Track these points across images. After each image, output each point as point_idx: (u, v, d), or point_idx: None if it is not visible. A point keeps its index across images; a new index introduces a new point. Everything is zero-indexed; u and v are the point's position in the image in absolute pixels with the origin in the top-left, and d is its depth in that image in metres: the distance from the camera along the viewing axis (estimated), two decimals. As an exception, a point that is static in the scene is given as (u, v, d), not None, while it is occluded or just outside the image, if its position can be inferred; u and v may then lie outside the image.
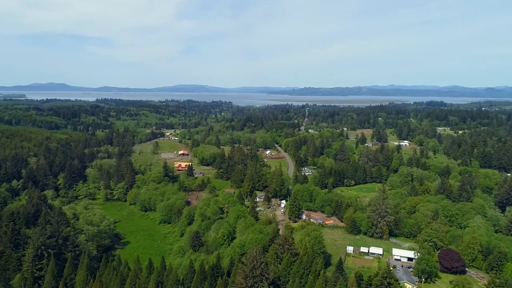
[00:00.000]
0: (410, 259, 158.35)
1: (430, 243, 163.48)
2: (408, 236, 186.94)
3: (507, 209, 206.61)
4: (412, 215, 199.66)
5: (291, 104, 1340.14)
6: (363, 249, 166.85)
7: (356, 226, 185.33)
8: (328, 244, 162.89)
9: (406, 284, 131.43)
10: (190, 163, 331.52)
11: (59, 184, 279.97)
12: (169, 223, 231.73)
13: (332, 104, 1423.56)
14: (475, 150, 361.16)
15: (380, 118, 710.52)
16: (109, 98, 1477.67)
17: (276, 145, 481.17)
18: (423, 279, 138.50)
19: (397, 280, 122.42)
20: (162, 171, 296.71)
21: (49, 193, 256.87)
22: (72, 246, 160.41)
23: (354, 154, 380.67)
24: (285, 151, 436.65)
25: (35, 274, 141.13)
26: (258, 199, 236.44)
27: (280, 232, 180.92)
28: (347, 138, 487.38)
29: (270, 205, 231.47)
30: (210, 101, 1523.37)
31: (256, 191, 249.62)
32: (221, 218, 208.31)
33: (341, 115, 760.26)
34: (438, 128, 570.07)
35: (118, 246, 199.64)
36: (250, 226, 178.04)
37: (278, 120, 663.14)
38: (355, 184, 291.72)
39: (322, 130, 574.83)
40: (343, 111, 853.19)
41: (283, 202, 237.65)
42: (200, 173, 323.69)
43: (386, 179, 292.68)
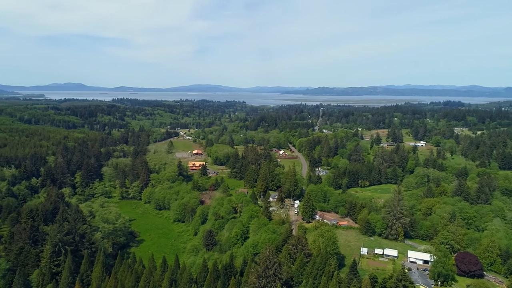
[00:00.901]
0: (426, 262, 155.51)
1: (446, 246, 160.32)
2: (424, 238, 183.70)
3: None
4: (428, 217, 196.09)
5: (305, 104, 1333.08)
6: (378, 250, 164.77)
7: (370, 227, 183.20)
8: (341, 245, 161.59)
9: (421, 287, 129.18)
10: (204, 163, 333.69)
11: (76, 182, 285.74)
12: (183, 222, 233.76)
13: (346, 104, 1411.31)
14: (494, 151, 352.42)
15: (395, 118, 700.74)
16: (125, 98, 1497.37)
17: (289, 145, 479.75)
18: (439, 283, 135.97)
19: (412, 283, 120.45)
20: (176, 170, 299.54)
21: (66, 191, 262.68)
22: (88, 243, 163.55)
23: (368, 154, 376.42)
24: (298, 151, 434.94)
25: (53, 270, 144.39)
26: (271, 199, 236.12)
27: (293, 232, 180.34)
28: (362, 138, 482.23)
29: (284, 205, 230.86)
30: (224, 101, 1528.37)
31: (269, 191, 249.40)
32: (234, 217, 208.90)
33: (355, 115, 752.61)
34: (456, 128, 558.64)
35: (133, 244, 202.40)
36: (263, 226, 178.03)
37: (292, 120, 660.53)
38: (370, 185, 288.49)
39: (336, 130, 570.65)
40: (358, 111, 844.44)
41: (297, 202, 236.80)
42: (213, 172, 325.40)
43: (401, 180, 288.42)
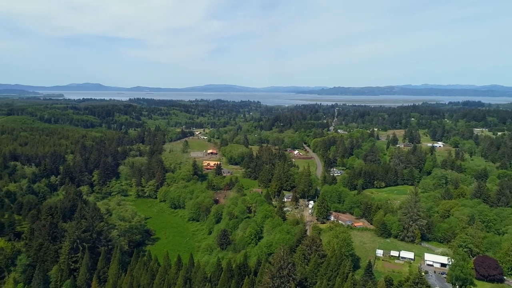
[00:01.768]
0: (443, 265, 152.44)
1: (465, 249, 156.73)
2: (441, 241, 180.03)
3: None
4: (446, 219, 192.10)
5: (320, 104, 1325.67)
6: (394, 252, 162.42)
7: (386, 229, 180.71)
8: (356, 246, 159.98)
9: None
10: (218, 162, 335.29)
11: (94, 180, 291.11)
12: (197, 221, 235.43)
13: (362, 104, 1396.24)
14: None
15: (412, 119, 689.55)
16: (141, 98, 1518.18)
17: (304, 145, 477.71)
18: (457, 286, 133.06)
19: (429, 286, 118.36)
20: (191, 170, 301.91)
21: (84, 189, 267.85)
22: (105, 241, 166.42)
23: (384, 155, 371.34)
24: (313, 151, 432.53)
25: (71, 266, 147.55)
26: (285, 199, 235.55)
27: (307, 233, 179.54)
28: (378, 138, 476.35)
29: (298, 205, 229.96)
30: (239, 100, 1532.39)
31: (283, 191, 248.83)
32: (248, 217, 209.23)
33: (371, 115, 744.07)
34: (475, 129, 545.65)
35: (149, 242, 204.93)
36: (278, 226, 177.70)
37: (306, 120, 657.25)
38: (386, 186, 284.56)
39: (351, 130, 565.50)
40: (374, 111, 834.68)
41: (311, 202, 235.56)
42: (228, 172, 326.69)
43: (418, 182, 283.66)
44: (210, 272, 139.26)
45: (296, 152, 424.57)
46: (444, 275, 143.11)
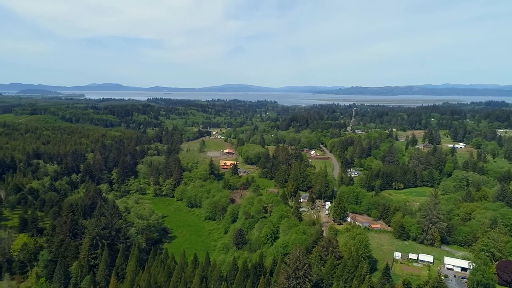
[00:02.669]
0: (464, 269, 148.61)
1: (487, 253, 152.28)
2: (462, 244, 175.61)
3: None
4: (467, 223, 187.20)
5: (338, 103, 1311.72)
6: (412, 255, 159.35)
7: (404, 231, 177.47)
8: (374, 248, 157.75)
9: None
10: (235, 162, 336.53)
11: (113, 178, 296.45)
12: (213, 220, 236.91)
13: (380, 103, 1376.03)
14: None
15: (432, 119, 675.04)
16: (159, 98, 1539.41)
17: (321, 145, 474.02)
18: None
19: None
20: (208, 169, 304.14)
21: (103, 187, 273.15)
22: (123, 238, 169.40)
23: (403, 156, 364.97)
24: (330, 152, 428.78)
25: (91, 263, 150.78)
26: (302, 200, 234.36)
27: (324, 234, 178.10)
28: (396, 139, 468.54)
29: (314, 206, 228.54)
30: (256, 100, 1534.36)
31: (300, 192, 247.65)
32: (264, 217, 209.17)
33: (390, 115, 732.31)
34: (499, 130, 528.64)
35: (166, 240, 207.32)
36: (294, 226, 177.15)
37: (323, 120, 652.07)
38: (404, 187, 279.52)
39: (369, 130, 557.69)
40: (393, 111, 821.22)
41: (328, 203, 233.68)
42: (244, 172, 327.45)
43: (438, 183, 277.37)
44: (226, 271, 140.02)
45: (312, 152, 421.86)
46: (464, 280, 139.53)
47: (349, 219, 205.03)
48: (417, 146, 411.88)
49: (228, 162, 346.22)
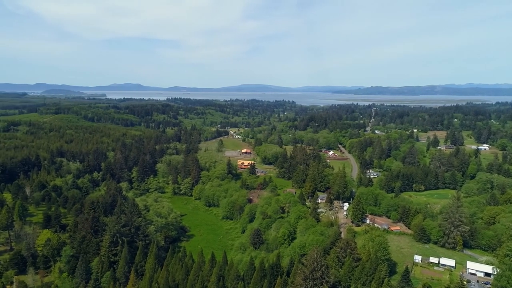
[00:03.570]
0: (487, 275, 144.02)
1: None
2: (485, 249, 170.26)
3: None
4: (491, 227, 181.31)
5: (357, 103, 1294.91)
6: (433, 259, 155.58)
7: (425, 234, 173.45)
8: (393, 251, 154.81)
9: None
10: (252, 162, 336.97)
11: (133, 177, 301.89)
12: (231, 219, 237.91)
13: (401, 103, 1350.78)
14: None
15: (455, 119, 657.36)
16: (178, 98, 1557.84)
17: (339, 145, 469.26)
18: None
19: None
20: (225, 169, 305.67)
21: (124, 185, 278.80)
22: (143, 236, 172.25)
23: (424, 157, 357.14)
24: (349, 152, 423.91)
25: (111, 259, 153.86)
26: (319, 200, 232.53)
27: (342, 235, 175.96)
28: (417, 140, 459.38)
29: (332, 207, 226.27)
30: (273, 100, 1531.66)
31: (317, 192, 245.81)
32: (281, 217, 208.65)
33: (411, 116, 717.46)
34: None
35: (184, 238, 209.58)
36: (311, 227, 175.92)
37: (342, 120, 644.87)
38: (425, 189, 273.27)
39: (389, 131, 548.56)
40: (414, 112, 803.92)
41: (346, 204, 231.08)
42: (262, 171, 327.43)
43: (461, 186, 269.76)
44: (243, 270, 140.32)
45: (331, 152, 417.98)
46: (488, 286, 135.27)
47: (367, 221, 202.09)
48: (439, 147, 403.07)
49: (245, 162, 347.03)
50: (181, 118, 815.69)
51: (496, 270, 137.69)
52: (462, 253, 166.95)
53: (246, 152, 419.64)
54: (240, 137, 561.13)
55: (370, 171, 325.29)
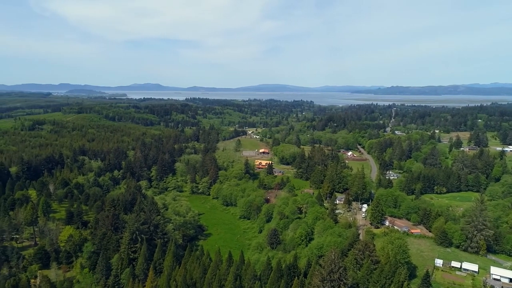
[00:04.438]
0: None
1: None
2: (510, 254, 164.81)
3: None
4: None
5: (376, 103, 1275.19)
6: (455, 263, 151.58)
7: (447, 237, 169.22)
8: (413, 254, 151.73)
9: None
10: (270, 162, 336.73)
11: (152, 176, 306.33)
12: (248, 219, 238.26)
13: (422, 104, 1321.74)
14: None
15: (479, 120, 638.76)
16: (197, 98, 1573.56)
17: (358, 146, 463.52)
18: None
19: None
20: (243, 168, 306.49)
21: (143, 183, 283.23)
22: (161, 234, 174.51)
23: (446, 159, 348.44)
24: (368, 153, 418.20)
25: (130, 256, 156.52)
26: (337, 202, 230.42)
27: (360, 237, 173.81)
28: (439, 141, 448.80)
29: (351, 208, 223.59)
30: (292, 100, 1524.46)
31: (336, 193, 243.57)
32: (299, 218, 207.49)
33: (432, 116, 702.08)
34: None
35: (201, 237, 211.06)
36: (329, 228, 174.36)
37: (361, 120, 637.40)
38: (447, 191, 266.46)
39: (410, 132, 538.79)
40: (435, 112, 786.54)
41: (365, 206, 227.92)
42: (279, 171, 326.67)
43: (484, 188, 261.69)
44: (259, 270, 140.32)
45: (349, 153, 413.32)
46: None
47: (387, 223, 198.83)
48: (461, 149, 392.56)
49: (263, 162, 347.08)
50: (199, 117, 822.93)
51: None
52: (485, 258, 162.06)
53: (263, 152, 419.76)
54: (258, 137, 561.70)
55: (390, 173, 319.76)
